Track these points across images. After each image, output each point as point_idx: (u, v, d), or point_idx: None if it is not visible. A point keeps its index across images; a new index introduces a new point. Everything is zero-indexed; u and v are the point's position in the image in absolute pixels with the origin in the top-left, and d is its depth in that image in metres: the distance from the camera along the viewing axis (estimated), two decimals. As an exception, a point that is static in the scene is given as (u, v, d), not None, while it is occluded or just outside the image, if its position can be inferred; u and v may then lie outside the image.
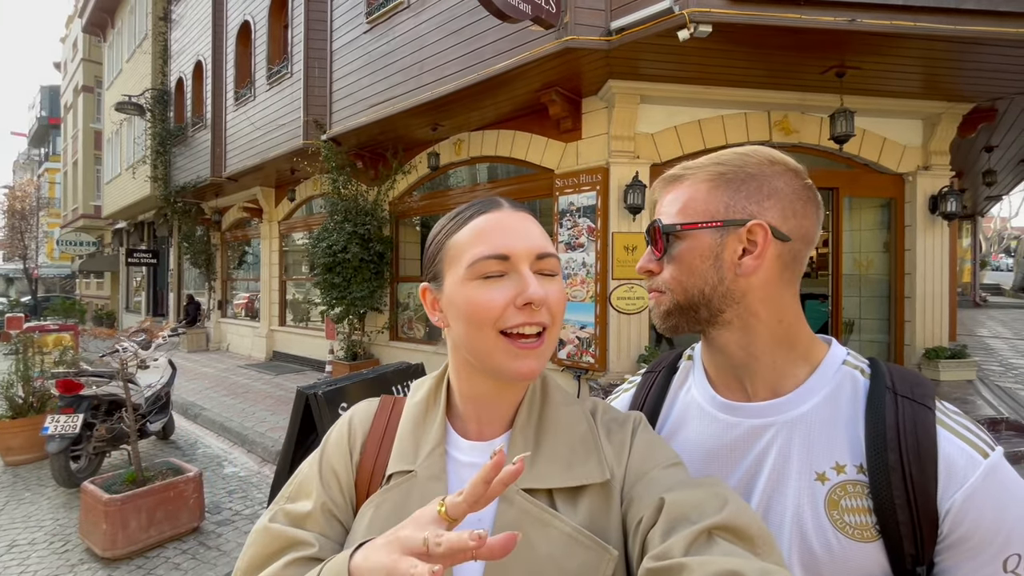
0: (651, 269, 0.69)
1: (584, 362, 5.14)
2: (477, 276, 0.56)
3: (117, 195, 14.50)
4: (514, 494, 0.56)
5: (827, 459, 0.60)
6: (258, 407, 6.19)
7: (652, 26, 3.85)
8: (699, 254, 0.64)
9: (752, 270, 0.63)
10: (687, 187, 0.66)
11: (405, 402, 0.69)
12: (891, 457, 0.55)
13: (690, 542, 0.45)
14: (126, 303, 17.78)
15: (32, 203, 23.89)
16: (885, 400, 0.59)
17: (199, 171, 10.04)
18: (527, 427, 0.62)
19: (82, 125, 18.71)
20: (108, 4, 14.95)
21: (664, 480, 0.55)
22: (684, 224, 0.65)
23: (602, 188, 4.99)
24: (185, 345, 11.20)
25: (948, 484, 0.54)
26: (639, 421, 0.65)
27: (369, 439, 0.66)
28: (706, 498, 0.50)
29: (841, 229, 5.56)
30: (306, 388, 2.02)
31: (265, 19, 8.19)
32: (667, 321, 0.68)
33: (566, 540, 0.53)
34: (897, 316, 5.57)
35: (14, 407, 4.63)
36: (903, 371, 0.63)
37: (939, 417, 0.58)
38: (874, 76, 4.56)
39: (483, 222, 0.59)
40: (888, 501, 0.55)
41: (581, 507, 0.56)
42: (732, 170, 0.64)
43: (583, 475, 0.57)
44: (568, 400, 0.66)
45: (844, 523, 0.57)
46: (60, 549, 3.12)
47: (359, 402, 0.72)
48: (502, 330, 0.56)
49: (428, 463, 0.60)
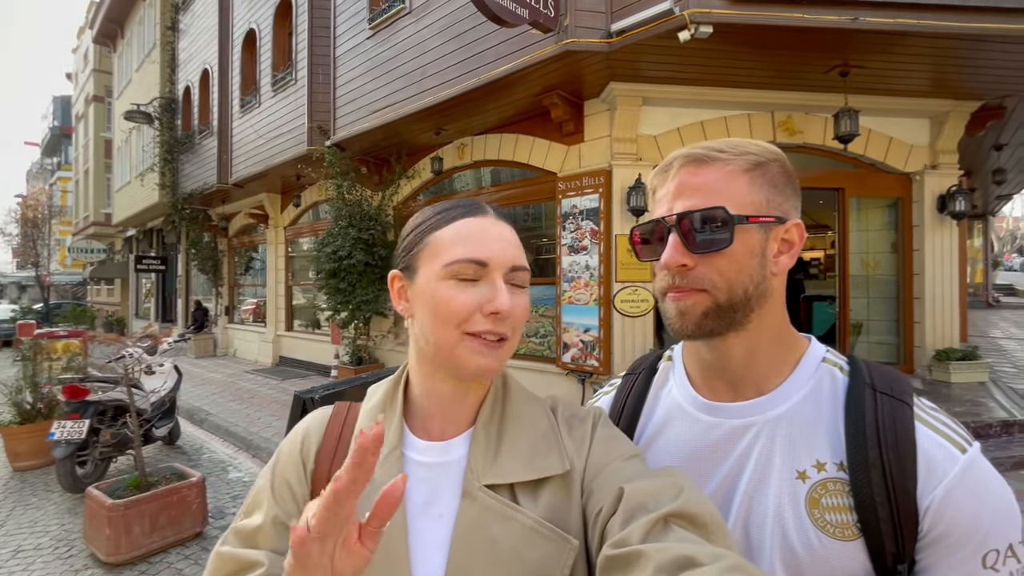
0: (687, 263, 0.61)
1: (588, 365, 5.11)
2: (452, 276, 0.57)
3: (127, 203, 14.68)
4: (476, 490, 0.57)
5: (808, 457, 0.59)
6: (263, 412, 6.21)
7: (653, 27, 3.84)
8: (750, 250, 0.60)
9: (784, 269, 0.63)
10: (724, 173, 0.61)
11: (360, 408, 0.69)
12: (871, 454, 0.55)
13: (647, 530, 0.46)
14: (136, 309, 17.96)
15: (44, 211, 24.24)
16: (864, 397, 0.58)
17: (206, 178, 10.14)
18: (489, 424, 0.62)
19: (93, 134, 18.98)
20: (117, 15, 15.19)
21: (623, 471, 0.56)
22: (752, 216, 0.59)
23: (605, 191, 4.98)
24: (192, 351, 11.28)
25: (928, 480, 0.54)
26: (599, 416, 0.66)
27: (323, 447, 0.65)
28: (663, 487, 0.51)
29: (848, 230, 5.51)
30: (303, 392, 2.02)
31: (270, 27, 8.27)
32: (703, 325, 0.61)
33: (528, 532, 0.54)
34: (906, 317, 5.50)
35: (22, 413, 4.67)
36: (881, 368, 0.62)
37: (917, 413, 0.57)
38: (879, 75, 4.52)
39: (467, 225, 0.60)
40: (868, 498, 0.54)
41: (542, 499, 0.57)
42: (764, 162, 0.62)
43: (543, 468, 0.58)
44: (529, 398, 0.67)
45: (825, 522, 0.56)
46: (65, 554, 3.13)
47: (312, 412, 0.71)
48: (465, 332, 0.57)
49: (385, 467, 0.59)
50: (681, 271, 0.61)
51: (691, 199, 0.61)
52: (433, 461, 0.61)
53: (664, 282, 0.64)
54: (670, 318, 0.64)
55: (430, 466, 0.60)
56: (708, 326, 0.61)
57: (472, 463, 0.58)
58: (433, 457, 0.61)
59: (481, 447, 0.60)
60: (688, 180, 0.62)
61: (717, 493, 0.63)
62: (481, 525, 0.55)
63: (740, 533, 0.60)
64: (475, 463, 0.58)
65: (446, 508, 0.58)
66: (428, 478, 0.60)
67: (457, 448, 0.61)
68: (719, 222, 0.59)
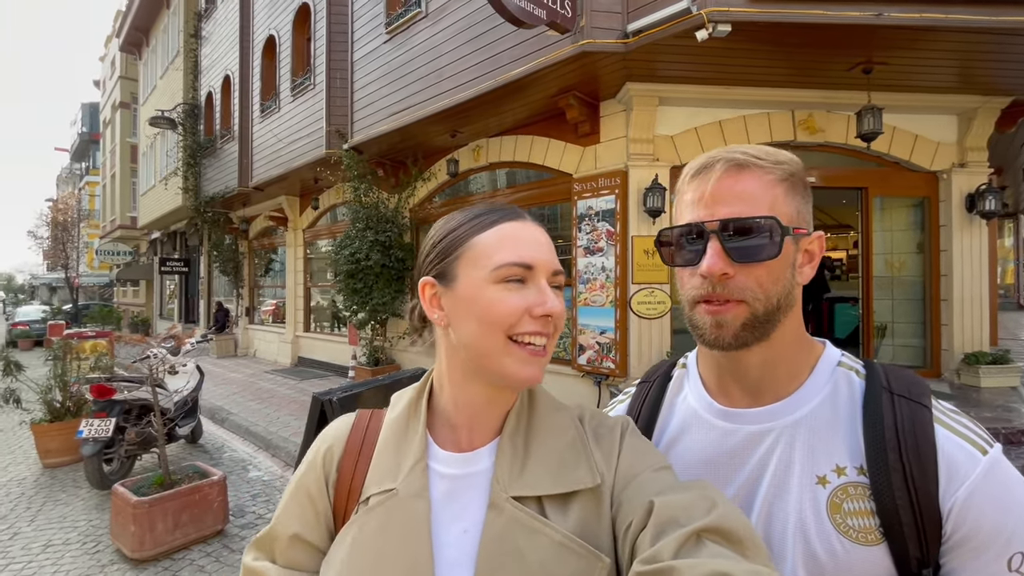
0: (729, 272, 0.58)
1: (604, 368, 5.08)
2: (500, 280, 0.57)
3: (151, 206, 15.06)
4: (503, 502, 0.56)
5: (827, 462, 0.58)
6: (282, 412, 6.30)
7: (670, 27, 3.80)
8: (786, 260, 0.59)
9: (806, 280, 0.63)
10: (765, 182, 0.59)
11: (383, 416, 0.68)
12: (891, 457, 0.54)
13: (679, 545, 0.45)
14: (160, 310, 18.41)
15: (73, 215, 24.99)
16: (882, 400, 0.58)
17: (227, 182, 10.35)
18: (516, 434, 0.61)
19: (119, 140, 19.52)
20: (143, 23, 15.60)
21: (653, 484, 0.55)
22: (796, 228, 0.59)
23: (621, 192, 4.94)
24: (214, 351, 11.50)
25: (949, 483, 0.53)
26: (627, 425, 0.64)
27: (345, 457, 0.64)
28: (695, 501, 0.50)
29: (871, 230, 5.38)
30: (321, 395, 2.03)
31: (289, 33, 8.41)
32: (740, 336, 0.59)
33: (557, 548, 0.52)
34: (933, 319, 5.35)
35: (52, 411, 4.81)
36: (898, 371, 0.61)
37: (936, 415, 0.57)
38: (903, 71, 4.40)
39: (510, 228, 0.60)
40: (890, 502, 0.53)
41: (572, 513, 0.55)
42: (796, 172, 0.62)
43: (573, 481, 0.57)
44: (556, 406, 0.65)
45: (847, 527, 0.55)
46: (92, 550, 3.21)
47: (336, 419, 0.71)
48: (511, 336, 0.57)
49: (409, 480, 0.59)
50: (723, 280, 0.59)
51: (733, 206, 0.59)
52: (458, 473, 0.60)
53: (699, 291, 0.61)
54: (702, 329, 0.61)
55: (455, 478, 0.59)
56: (744, 338, 0.60)
57: (498, 474, 0.57)
58: (458, 469, 0.60)
59: (507, 458, 0.59)
60: (730, 186, 0.60)
61: (735, 500, 0.62)
62: (508, 538, 0.54)
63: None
64: (501, 474, 0.57)
65: (472, 522, 0.57)
66: (453, 490, 0.59)
67: (483, 459, 0.60)
68: (769, 232, 0.57)
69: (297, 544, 0.61)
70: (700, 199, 0.62)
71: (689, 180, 0.64)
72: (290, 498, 0.64)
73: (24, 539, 3.34)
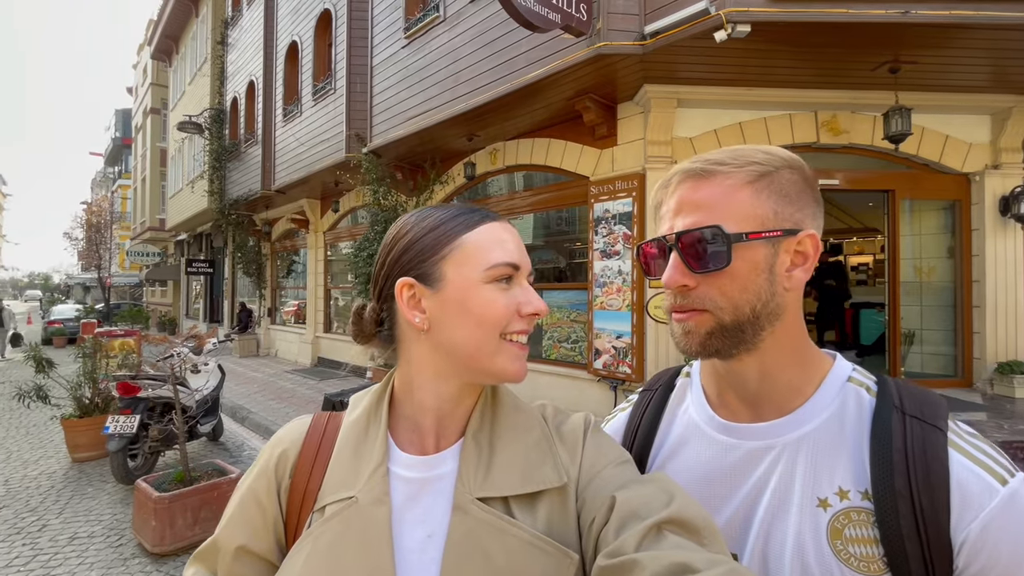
0: (687, 283, 0.59)
1: (620, 372, 5.03)
2: (493, 280, 0.57)
3: (179, 208, 15.51)
4: (469, 504, 0.54)
5: (829, 484, 0.55)
6: (302, 412, 6.39)
7: (688, 28, 3.75)
8: (755, 266, 0.57)
9: (798, 284, 0.60)
10: (725, 187, 0.58)
11: (342, 418, 0.66)
12: (898, 482, 0.51)
13: (641, 538, 0.46)
14: (186, 310, 18.92)
15: (106, 217, 25.89)
16: (892, 420, 0.55)
17: (251, 185, 10.58)
18: (480, 433, 0.60)
19: (150, 144, 20.16)
20: (173, 31, 16.11)
21: (614, 478, 0.55)
22: (751, 233, 0.56)
23: (638, 195, 4.89)
24: (236, 350, 11.76)
25: (962, 513, 0.49)
26: (590, 422, 0.64)
27: (300, 462, 0.61)
28: (654, 494, 0.51)
29: (899, 233, 5.22)
30: (333, 395, 2.06)
31: (311, 38, 8.57)
32: (708, 345, 0.59)
33: (526, 548, 0.52)
34: (965, 327, 5.16)
35: (81, 407, 4.98)
36: (913, 389, 0.58)
37: (951, 439, 0.53)
38: (933, 70, 4.27)
39: (494, 228, 0.60)
40: (896, 531, 0.50)
41: (540, 513, 0.55)
42: (771, 171, 0.58)
43: (539, 480, 0.56)
44: (519, 405, 0.65)
45: (848, 554, 0.52)
46: (116, 543, 3.31)
47: (290, 422, 0.69)
48: (503, 334, 0.57)
49: (369, 486, 0.57)
50: (682, 291, 0.59)
51: (690, 216, 0.58)
52: (421, 476, 0.58)
53: (668, 301, 0.62)
54: (676, 337, 0.62)
55: (418, 481, 0.58)
56: (713, 346, 0.59)
57: (463, 475, 0.56)
58: (421, 472, 0.58)
59: (472, 459, 0.58)
60: (688, 196, 0.60)
61: (734, 519, 0.60)
62: (473, 540, 0.53)
63: (759, 563, 0.57)
64: (466, 475, 0.56)
65: (436, 526, 0.55)
66: (416, 494, 0.57)
67: (447, 461, 0.59)
68: (714, 241, 0.56)
69: (243, 556, 0.58)
70: (666, 212, 0.63)
71: (657, 193, 0.65)
72: (237, 506, 0.61)
73: (52, 531, 3.46)
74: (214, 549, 0.60)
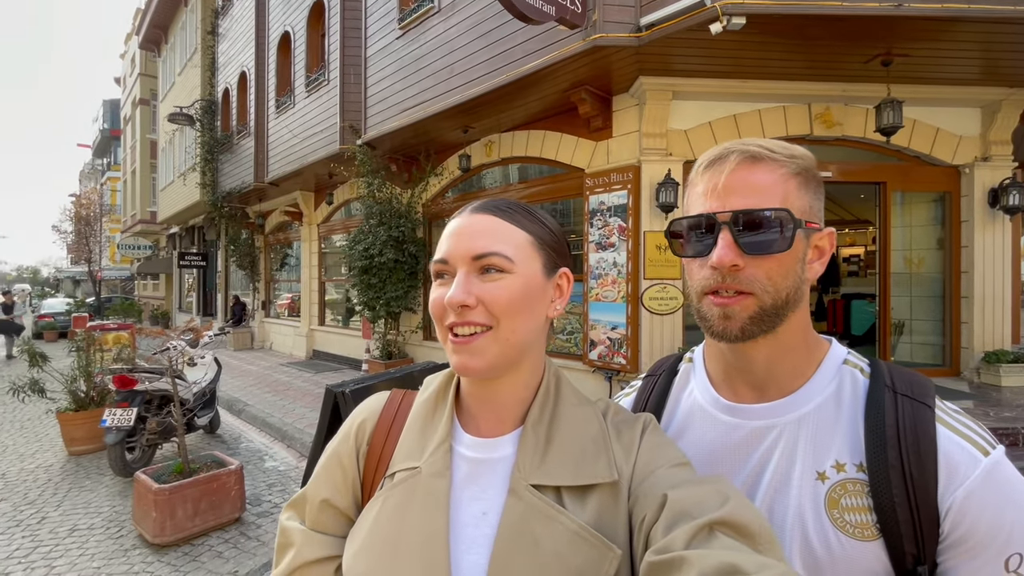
0: (739, 263, 0.58)
1: (615, 363, 5.08)
2: (435, 275, 0.62)
3: (170, 201, 15.34)
4: (523, 489, 0.57)
5: (827, 458, 0.59)
6: (298, 404, 6.41)
7: (683, 20, 3.76)
8: (797, 254, 0.60)
9: (815, 276, 0.64)
10: (779, 175, 0.60)
11: (414, 396, 0.72)
12: (891, 455, 0.55)
13: (691, 536, 0.46)
14: (179, 303, 18.78)
15: (96, 210, 25.55)
16: (884, 398, 0.59)
17: (244, 177, 10.50)
18: (539, 424, 0.62)
19: (139, 136, 19.89)
20: (162, 20, 15.84)
21: (669, 478, 0.56)
22: (808, 222, 0.60)
23: (633, 187, 4.92)
24: (231, 344, 11.72)
25: (948, 482, 0.54)
26: (648, 421, 0.65)
27: (376, 430, 0.68)
28: (708, 494, 0.51)
29: (890, 225, 5.29)
30: (335, 386, 2.08)
31: (304, 29, 8.48)
32: (747, 329, 0.60)
33: (571, 537, 0.54)
34: (953, 317, 5.25)
35: (77, 400, 4.96)
36: (902, 370, 0.62)
37: (939, 415, 0.57)
38: (925, 63, 4.31)
39: (452, 225, 0.63)
40: (888, 499, 0.54)
41: (589, 506, 0.57)
42: (809, 166, 0.62)
43: (592, 474, 0.58)
44: (581, 400, 0.66)
45: (844, 522, 0.56)
46: (116, 534, 3.32)
47: (370, 396, 0.75)
48: (449, 328, 0.59)
49: (432, 459, 0.61)
50: (733, 271, 0.59)
51: (747, 197, 0.59)
52: (481, 457, 0.62)
53: (708, 282, 0.61)
54: (710, 320, 0.62)
55: (477, 462, 0.62)
56: (751, 330, 0.60)
57: (519, 462, 0.59)
58: (481, 453, 0.62)
59: (529, 447, 0.60)
60: (744, 177, 0.60)
61: None
62: (525, 524, 0.55)
63: None
64: (522, 462, 0.59)
65: (491, 505, 0.59)
66: (475, 473, 0.61)
67: (505, 446, 0.62)
68: (780, 225, 0.58)
69: (326, 509, 0.65)
70: (713, 190, 0.61)
71: (702, 171, 0.64)
72: (323, 465, 0.68)
73: (51, 523, 3.47)
74: (303, 500, 0.68)
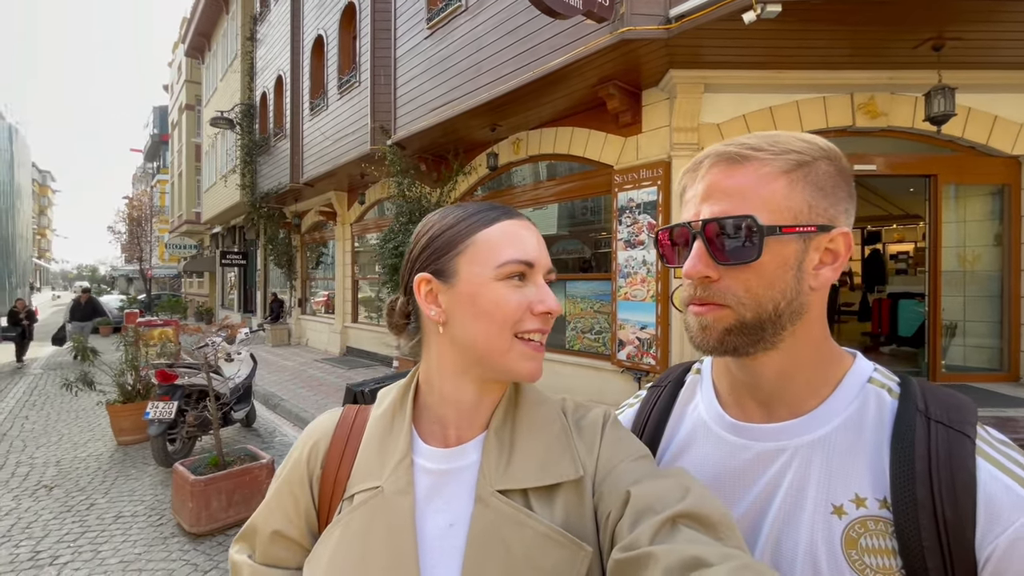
0: (710, 275, 0.55)
1: (645, 364, 4.98)
2: (504, 277, 0.58)
3: (213, 202, 16.01)
4: (490, 496, 0.56)
5: (845, 490, 0.53)
6: (330, 400, 6.57)
7: (715, 10, 3.63)
8: (783, 262, 0.54)
9: (825, 284, 0.56)
10: (760, 175, 0.54)
11: (369, 411, 0.69)
12: (920, 492, 0.48)
13: (655, 531, 0.46)
14: (222, 300, 19.59)
15: (146, 211, 26.95)
16: (916, 424, 0.51)
17: (280, 178, 10.82)
18: (502, 428, 0.61)
19: (185, 140, 20.83)
20: (205, 28, 16.53)
21: (631, 473, 0.56)
22: (785, 226, 0.53)
23: (663, 183, 4.80)
24: (269, 340, 12.13)
25: (989, 527, 0.46)
26: (608, 416, 0.64)
27: (330, 452, 0.65)
28: (669, 488, 0.51)
29: (941, 220, 4.98)
30: (355, 385, 2.11)
31: (336, 32, 8.66)
32: (725, 341, 0.56)
33: (542, 539, 0.54)
34: (1012, 318, 4.90)
35: (124, 393, 5.23)
36: (939, 391, 0.54)
37: (980, 447, 0.49)
38: (979, 47, 4.02)
39: (510, 227, 0.60)
40: (916, 543, 0.47)
41: (557, 505, 0.56)
42: (808, 161, 0.55)
43: (557, 473, 0.57)
44: (540, 399, 0.65)
45: (864, 564, 0.50)
46: (156, 522, 3.48)
47: (321, 415, 0.72)
48: (516, 332, 0.58)
49: (395, 476, 0.59)
50: (704, 283, 0.56)
51: (720, 204, 0.55)
52: (444, 468, 0.60)
53: (687, 292, 0.59)
54: (691, 330, 0.59)
55: (440, 472, 0.60)
56: (731, 343, 0.56)
57: (485, 468, 0.58)
58: (444, 463, 0.60)
59: (494, 452, 0.59)
60: (719, 182, 0.56)
61: (742, 523, 0.57)
62: (494, 531, 0.55)
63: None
64: (488, 468, 0.58)
65: (459, 516, 0.57)
66: (438, 485, 0.60)
67: (469, 453, 0.60)
68: (746, 232, 0.53)
69: (278, 540, 0.63)
70: (693, 197, 0.59)
71: (684, 177, 0.61)
72: (274, 494, 0.65)
73: (99, 510, 3.66)
74: (253, 532, 0.66)
